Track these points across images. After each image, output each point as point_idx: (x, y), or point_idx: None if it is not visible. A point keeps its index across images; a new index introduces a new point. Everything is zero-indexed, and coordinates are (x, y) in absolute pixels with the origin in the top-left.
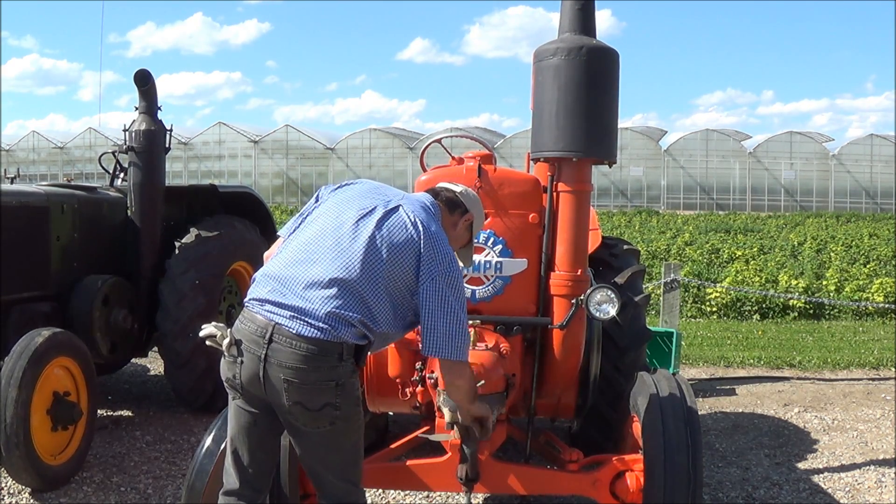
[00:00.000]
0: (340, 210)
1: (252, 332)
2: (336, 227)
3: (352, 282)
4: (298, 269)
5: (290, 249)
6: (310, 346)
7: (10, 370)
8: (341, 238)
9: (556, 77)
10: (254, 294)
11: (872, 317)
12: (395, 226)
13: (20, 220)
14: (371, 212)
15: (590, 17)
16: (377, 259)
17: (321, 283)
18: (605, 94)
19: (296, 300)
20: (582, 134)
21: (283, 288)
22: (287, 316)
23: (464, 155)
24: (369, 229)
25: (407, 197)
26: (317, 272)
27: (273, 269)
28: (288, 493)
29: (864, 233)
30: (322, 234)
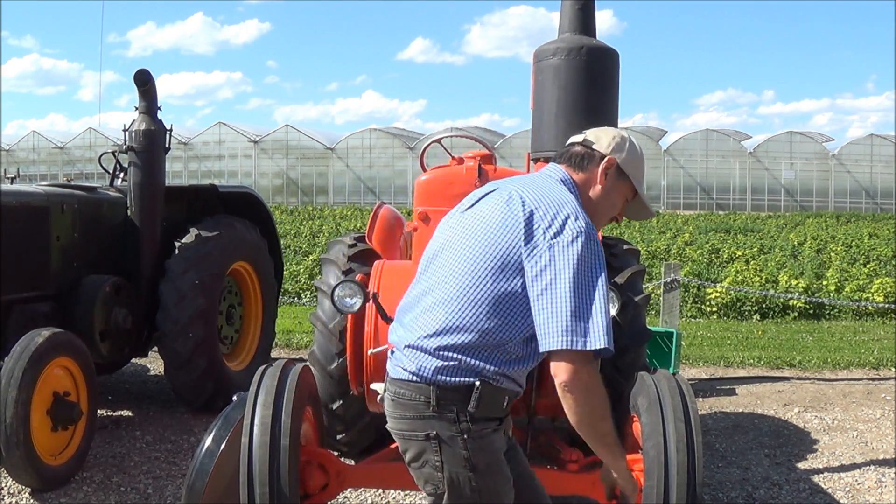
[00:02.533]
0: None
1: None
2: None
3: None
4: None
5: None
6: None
7: (10, 370)
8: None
9: (556, 77)
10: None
11: (872, 317)
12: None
13: (20, 220)
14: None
15: (590, 17)
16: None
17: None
18: (605, 94)
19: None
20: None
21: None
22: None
23: (464, 155)
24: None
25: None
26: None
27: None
28: (288, 493)
29: (864, 233)
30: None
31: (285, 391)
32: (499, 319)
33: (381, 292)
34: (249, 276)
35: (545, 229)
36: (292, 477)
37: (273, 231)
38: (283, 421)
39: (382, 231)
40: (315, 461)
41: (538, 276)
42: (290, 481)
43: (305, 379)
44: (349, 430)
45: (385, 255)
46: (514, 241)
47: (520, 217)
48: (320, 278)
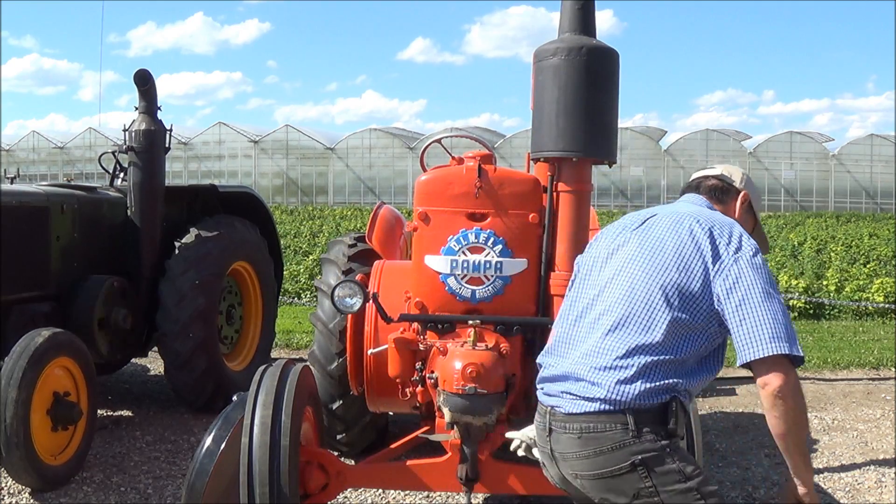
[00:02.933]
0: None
1: (539, 426)
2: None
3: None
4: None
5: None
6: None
7: (10, 370)
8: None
9: (556, 77)
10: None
11: (872, 317)
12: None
13: (20, 220)
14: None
15: (590, 17)
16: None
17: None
18: (605, 94)
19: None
20: (582, 134)
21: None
22: (562, 392)
23: (464, 155)
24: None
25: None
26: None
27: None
28: (288, 493)
29: (864, 233)
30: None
31: (285, 391)
32: (685, 337)
33: (381, 292)
34: (249, 276)
35: (726, 246)
36: (292, 477)
37: (273, 231)
38: (283, 421)
39: (382, 231)
40: (315, 461)
41: (731, 290)
42: (290, 481)
43: (305, 379)
44: (349, 430)
45: (385, 255)
46: (697, 260)
47: (700, 238)
48: (320, 278)
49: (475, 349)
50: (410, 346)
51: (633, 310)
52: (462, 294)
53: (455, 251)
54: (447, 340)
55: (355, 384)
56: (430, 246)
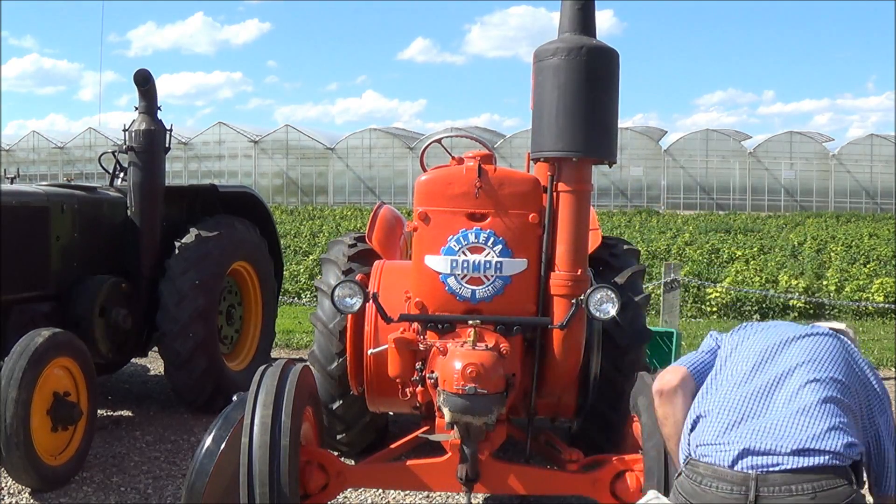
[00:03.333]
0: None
1: (725, 494)
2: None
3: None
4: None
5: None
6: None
7: (10, 370)
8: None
9: (556, 77)
10: (701, 438)
11: (872, 317)
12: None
13: (20, 220)
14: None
15: (590, 17)
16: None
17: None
18: (605, 94)
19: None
20: (582, 134)
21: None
22: (764, 453)
23: (464, 155)
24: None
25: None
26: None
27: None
28: (288, 493)
29: (864, 233)
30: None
31: (285, 391)
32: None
33: (381, 292)
34: (249, 276)
35: (871, 367)
36: (292, 477)
37: (273, 231)
38: (283, 421)
39: (382, 231)
40: (315, 461)
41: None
42: (290, 481)
43: (305, 379)
44: (349, 430)
45: (385, 255)
46: (860, 365)
47: (853, 349)
48: (320, 278)
49: (475, 349)
50: (410, 346)
51: (827, 393)
52: (462, 294)
53: (455, 251)
54: (447, 340)
55: (355, 384)
56: (430, 246)
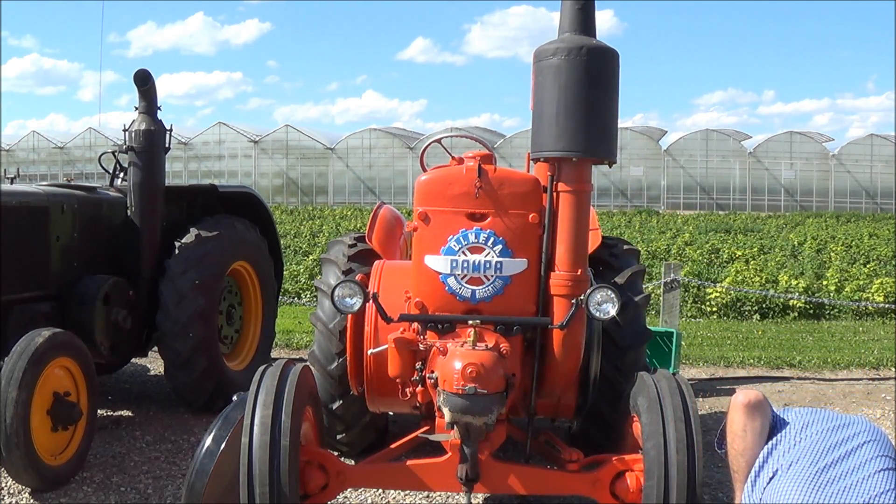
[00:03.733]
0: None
1: None
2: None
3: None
4: None
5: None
6: None
7: (10, 370)
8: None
9: (556, 77)
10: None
11: (872, 317)
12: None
13: (20, 220)
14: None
15: (590, 17)
16: None
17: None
18: (605, 94)
19: None
20: (582, 134)
21: None
22: None
23: (464, 155)
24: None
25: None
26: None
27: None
28: (288, 493)
29: (864, 233)
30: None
31: (285, 391)
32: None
33: (381, 292)
34: (249, 276)
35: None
36: (292, 477)
37: (273, 231)
38: (283, 421)
39: (382, 231)
40: (315, 461)
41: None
42: (290, 481)
43: (305, 379)
44: (349, 430)
45: (385, 255)
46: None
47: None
48: (320, 278)
49: (475, 349)
50: (410, 346)
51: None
52: (462, 294)
53: (455, 251)
54: (447, 340)
55: (355, 384)
56: (430, 246)
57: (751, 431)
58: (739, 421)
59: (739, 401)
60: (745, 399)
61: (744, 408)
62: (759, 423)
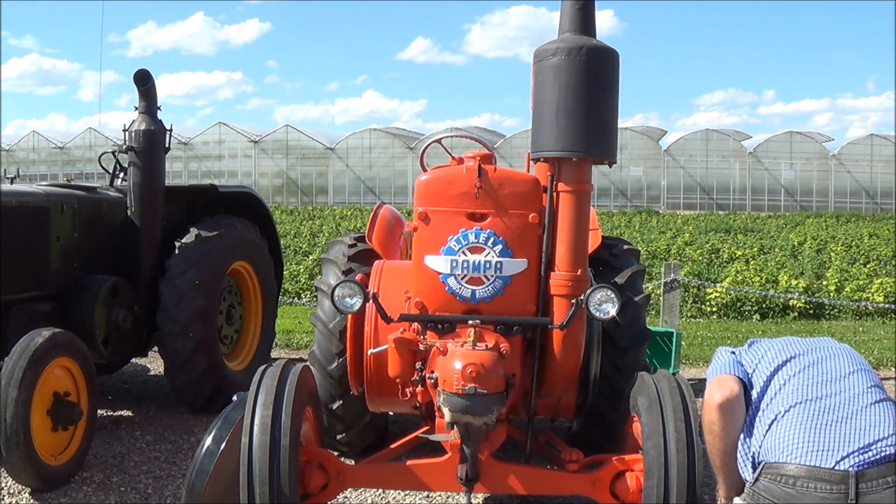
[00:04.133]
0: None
1: (825, 494)
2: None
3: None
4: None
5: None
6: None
7: (11, 370)
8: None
9: (556, 77)
10: (783, 441)
11: (872, 317)
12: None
13: (20, 220)
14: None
15: (590, 17)
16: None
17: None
18: (605, 94)
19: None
20: (582, 134)
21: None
22: (870, 451)
23: (464, 155)
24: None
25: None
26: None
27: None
28: (288, 493)
29: (864, 233)
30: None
31: (285, 391)
32: None
33: (381, 292)
34: (249, 276)
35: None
36: (292, 477)
37: (273, 231)
38: (283, 421)
39: (382, 231)
40: (315, 461)
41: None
42: (290, 481)
43: (305, 379)
44: (349, 430)
45: (385, 255)
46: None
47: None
48: (320, 278)
49: (475, 349)
50: (410, 346)
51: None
52: (462, 294)
53: (455, 251)
54: (447, 340)
55: (355, 384)
56: (430, 246)
57: (732, 430)
58: (718, 422)
59: (716, 401)
60: (721, 398)
61: (720, 409)
62: (740, 415)
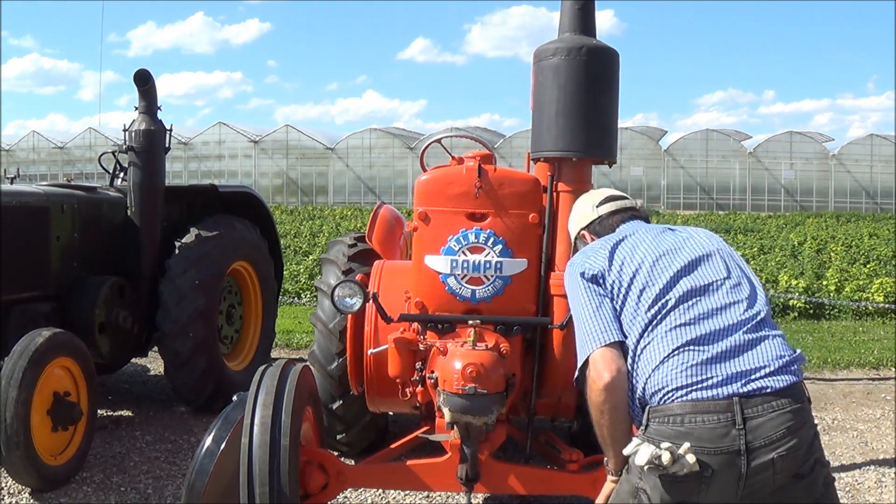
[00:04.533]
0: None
1: (719, 424)
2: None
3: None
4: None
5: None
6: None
7: (11, 370)
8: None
9: (556, 77)
10: (664, 384)
11: (872, 317)
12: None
13: (20, 220)
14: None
15: (590, 17)
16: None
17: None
18: (605, 94)
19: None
20: (582, 134)
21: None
22: (752, 379)
23: (464, 155)
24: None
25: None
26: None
27: (668, 346)
28: (288, 493)
29: (864, 233)
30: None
31: (285, 391)
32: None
33: (381, 292)
34: (249, 276)
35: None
36: (292, 477)
37: (273, 231)
38: (283, 421)
39: (382, 231)
40: (315, 461)
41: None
42: (290, 481)
43: (305, 379)
44: (349, 430)
45: (385, 255)
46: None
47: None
48: (320, 278)
49: (475, 349)
50: (410, 346)
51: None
52: (462, 294)
53: (455, 251)
54: (447, 340)
55: (355, 384)
56: (430, 246)
57: (622, 401)
58: (610, 400)
59: (605, 381)
60: (609, 378)
61: (608, 389)
62: (627, 392)
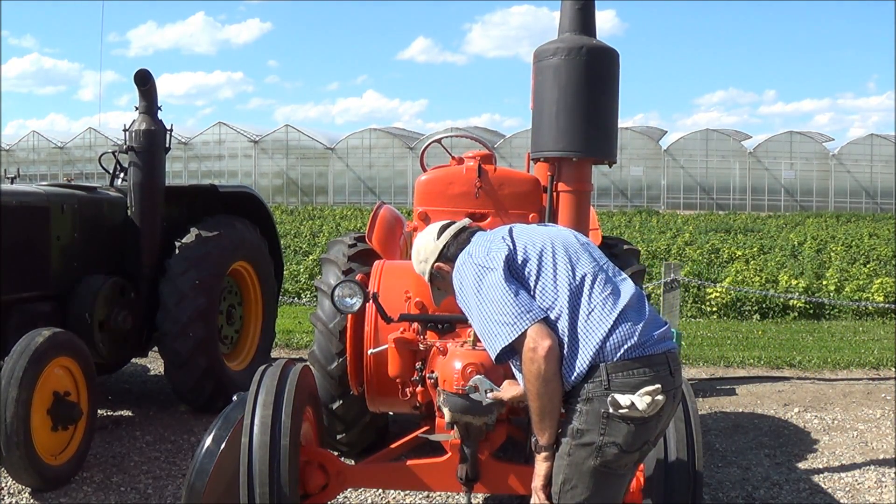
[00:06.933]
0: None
1: (665, 374)
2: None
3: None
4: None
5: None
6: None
7: (11, 370)
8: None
9: (556, 77)
10: (622, 344)
11: (872, 317)
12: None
13: (20, 220)
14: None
15: (590, 17)
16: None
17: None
18: (605, 94)
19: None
20: (582, 134)
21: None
22: (661, 338)
23: (464, 155)
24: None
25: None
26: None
27: (611, 314)
28: (288, 492)
29: (864, 233)
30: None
31: (285, 391)
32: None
33: (381, 292)
34: (249, 276)
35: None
36: (292, 477)
37: (273, 231)
38: (283, 421)
39: (382, 231)
40: (315, 461)
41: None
42: (290, 481)
43: (305, 379)
44: (349, 430)
45: (385, 255)
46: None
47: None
48: (320, 278)
49: (475, 349)
50: (410, 346)
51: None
52: None
53: None
54: (447, 340)
55: (355, 384)
56: None
57: (559, 378)
58: (551, 367)
59: (544, 348)
60: (547, 346)
61: (547, 358)
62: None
